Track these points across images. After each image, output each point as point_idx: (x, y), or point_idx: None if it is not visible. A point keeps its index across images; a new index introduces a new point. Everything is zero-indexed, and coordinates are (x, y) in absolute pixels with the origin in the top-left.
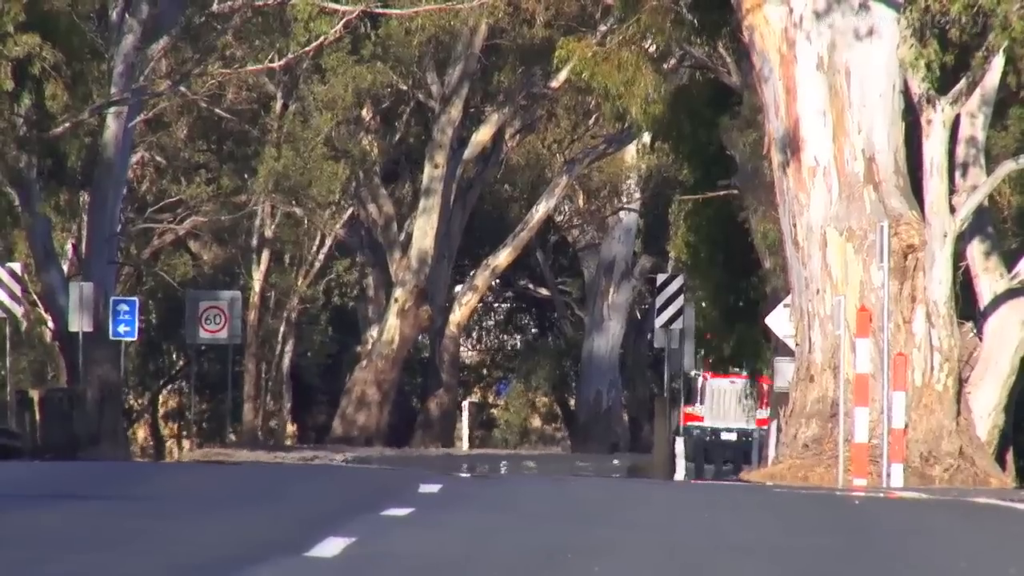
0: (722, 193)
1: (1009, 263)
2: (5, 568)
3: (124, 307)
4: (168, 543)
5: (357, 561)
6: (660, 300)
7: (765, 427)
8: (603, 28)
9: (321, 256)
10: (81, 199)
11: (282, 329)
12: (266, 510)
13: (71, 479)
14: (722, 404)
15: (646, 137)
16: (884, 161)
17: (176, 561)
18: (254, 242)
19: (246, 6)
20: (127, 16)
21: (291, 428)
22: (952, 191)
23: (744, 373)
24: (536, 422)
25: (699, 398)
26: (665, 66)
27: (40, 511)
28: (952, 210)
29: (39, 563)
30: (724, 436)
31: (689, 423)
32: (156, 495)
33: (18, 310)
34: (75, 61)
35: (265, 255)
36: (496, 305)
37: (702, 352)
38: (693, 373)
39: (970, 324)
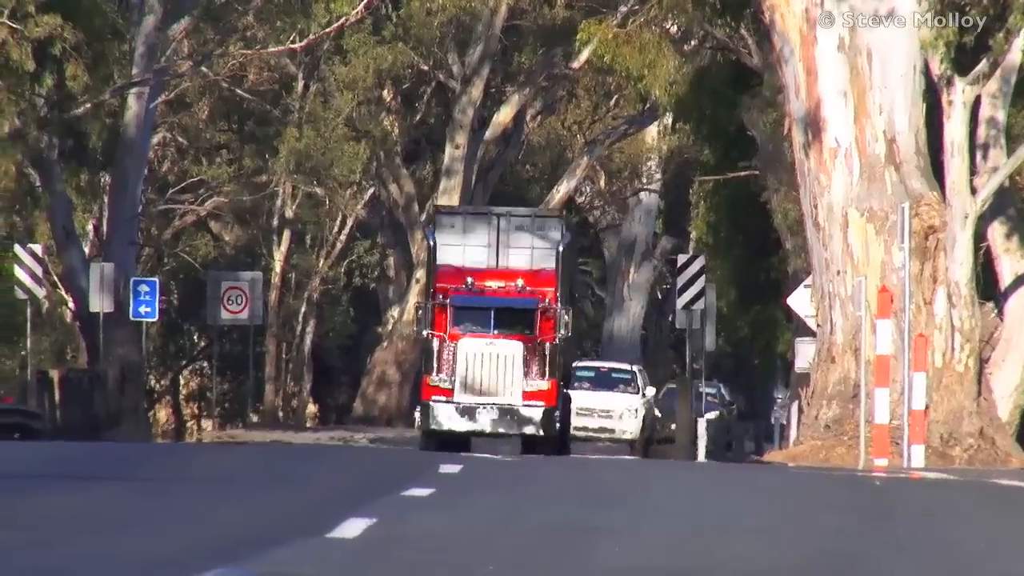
0: (743, 174)
1: None
2: (24, 549)
3: (145, 288)
4: (189, 525)
5: (378, 542)
6: (681, 281)
7: (538, 402)
8: (624, 9)
9: (342, 237)
10: (102, 180)
11: (303, 310)
12: (287, 491)
13: (91, 460)
14: (477, 373)
15: (667, 118)
16: (905, 142)
17: (197, 543)
18: (275, 223)
19: None
20: None
21: (312, 408)
22: (973, 172)
23: (513, 333)
24: None
25: (437, 366)
26: (686, 47)
27: (59, 492)
28: (973, 191)
29: (58, 545)
30: (480, 414)
31: (432, 397)
32: (176, 476)
33: (39, 291)
34: (96, 42)
35: (286, 236)
36: None
37: (722, 333)
38: (426, 333)
39: (991, 304)
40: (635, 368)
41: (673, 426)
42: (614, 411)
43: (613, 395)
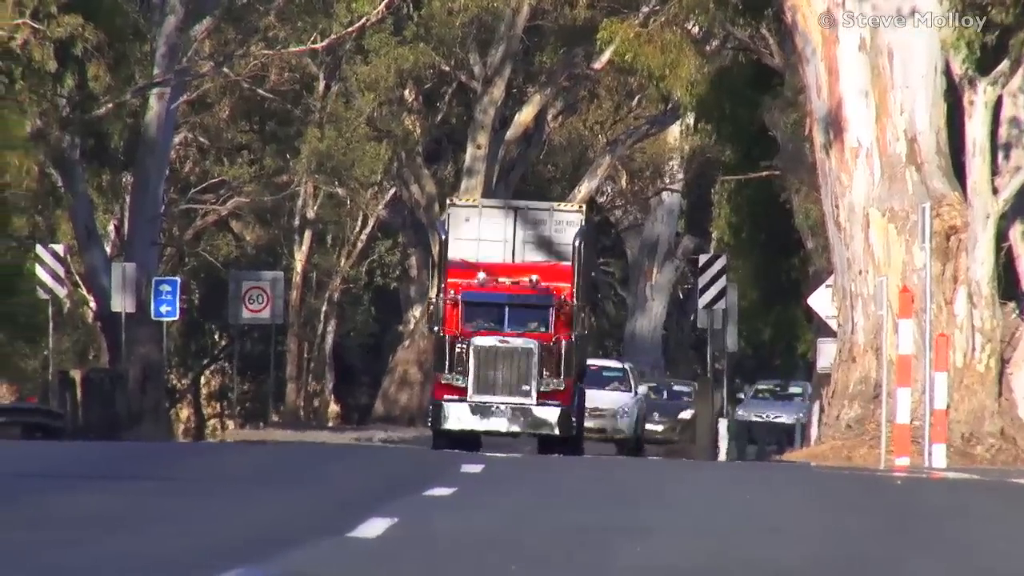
0: (764, 174)
1: None
2: (45, 550)
3: (166, 287)
4: (209, 524)
5: (399, 541)
6: (703, 281)
7: (555, 402)
8: (645, 9)
9: (363, 237)
10: (124, 180)
11: (324, 309)
12: (308, 491)
13: (111, 460)
14: (491, 371)
15: (689, 118)
16: (926, 142)
17: (217, 542)
18: (296, 222)
19: None
20: None
21: (334, 408)
22: (994, 172)
23: (528, 330)
24: None
25: (449, 364)
26: (707, 47)
27: (80, 492)
28: (994, 191)
29: (77, 544)
30: (494, 414)
31: (444, 396)
32: (197, 476)
33: (61, 291)
34: (117, 42)
35: (307, 235)
36: None
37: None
38: (436, 330)
39: (1012, 305)
40: (627, 366)
41: (649, 426)
42: (606, 410)
43: (605, 394)
